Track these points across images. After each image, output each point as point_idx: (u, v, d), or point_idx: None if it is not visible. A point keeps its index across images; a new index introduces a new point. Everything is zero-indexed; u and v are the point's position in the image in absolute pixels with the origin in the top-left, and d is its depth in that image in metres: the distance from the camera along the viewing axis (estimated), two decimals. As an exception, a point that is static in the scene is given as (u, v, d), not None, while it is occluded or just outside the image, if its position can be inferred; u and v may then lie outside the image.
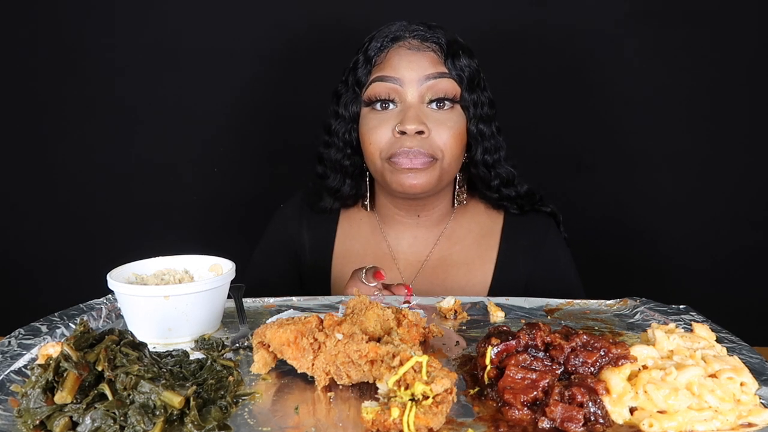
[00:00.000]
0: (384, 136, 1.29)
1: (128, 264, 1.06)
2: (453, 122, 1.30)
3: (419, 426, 0.68)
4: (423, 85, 1.28)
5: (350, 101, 1.35)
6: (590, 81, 1.85)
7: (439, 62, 1.29)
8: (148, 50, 1.87)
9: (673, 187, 1.87)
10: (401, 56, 1.30)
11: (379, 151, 1.29)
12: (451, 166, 1.33)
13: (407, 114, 1.26)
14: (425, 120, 1.26)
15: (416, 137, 1.26)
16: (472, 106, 1.32)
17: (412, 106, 1.27)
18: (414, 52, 1.30)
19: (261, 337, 0.84)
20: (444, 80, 1.29)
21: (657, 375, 0.74)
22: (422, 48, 1.30)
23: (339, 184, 1.42)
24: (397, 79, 1.28)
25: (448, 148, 1.29)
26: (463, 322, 1.07)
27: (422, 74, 1.28)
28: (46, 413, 0.70)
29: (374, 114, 1.31)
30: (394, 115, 1.29)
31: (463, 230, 1.44)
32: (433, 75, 1.28)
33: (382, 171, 1.31)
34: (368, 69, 1.32)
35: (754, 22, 1.76)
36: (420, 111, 1.27)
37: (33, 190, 1.94)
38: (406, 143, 1.26)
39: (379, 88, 1.30)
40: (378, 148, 1.29)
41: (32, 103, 1.89)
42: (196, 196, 1.97)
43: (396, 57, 1.30)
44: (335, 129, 1.38)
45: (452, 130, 1.29)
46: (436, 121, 1.28)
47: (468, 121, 1.33)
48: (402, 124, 1.26)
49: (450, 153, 1.30)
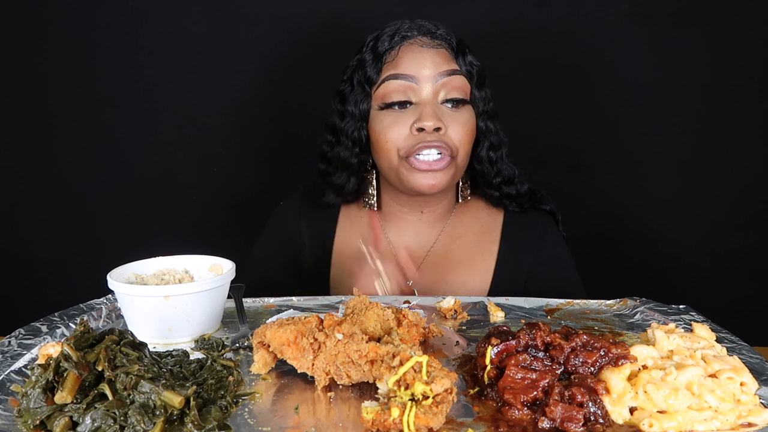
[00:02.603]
0: (401, 133, 1.29)
1: (128, 264, 1.06)
2: (465, 119, 1.32)
3: (419, 426, 0.68)
4: (438, 82, 1.29)
5: (360, 99, 1.34)
6: (589, 80, 1.85)
7: (450, 59, 1.31)
8: (148, 51, 1.87)
9: (672, 187, 1.87)
10: (414, 53, 1.30)
11: (397, 149, 1.30)
12: (464, 163, 1.35)
13: (425, 111, 1.27)
14: (441, 117, 1.28)
15: (434, 134, 1.27)
16: (481, 102, 1.34)
17: (428, 103, 1.28)
18: (426, 49, 1.31)
19: (261, 337, 0.85)
20: (457, 77, 1.30)
21: (657, 375, 0.74)
22: (433, 45, 1.31)
23: (344, 181, 1.41)
24: (412, 77, 1.29)
25: (463, 145, 1.31)
26: (463, 322, 1.07)
27: (436, 71, 1.29)
28: (46, 413, 0.70)
29: (389, 112, 1.31)
30: (410, 113, 1.29)
31: (464, 227, 1.45)
32: (447, 72, 1.29)
33: (398, 169, 1.32)
34: (378, 67, 1.32)
35: (753, 23, 1.76)
36: (436, 108, 1.29)
37: (33, 190, 1.94)
38: (426, 139, 1.27)
39: (393, 86, 1.30)
40: (395, 146, 1.30)
41: (34, 103, 1.89)
42: (196, 196, 1.97)
43: (409, 54, 1.30)
44: (344, 127, 1.37)
45: (465, 127, 1.31)
46: (451, 117, 1.30)
47: (477, 118, 1.34)
48: (420, 120, 1.26)
49: (464, 150, 1.32)
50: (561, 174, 1.87)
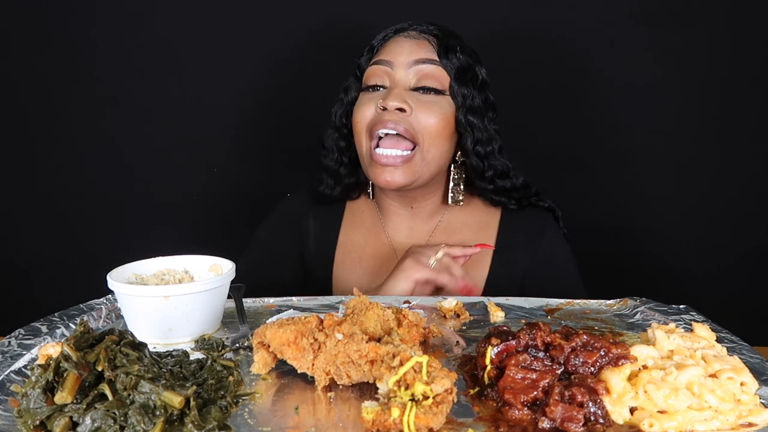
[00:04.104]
0: (368, 112, 1.33)
1: (128, 264, 1.06)
2: (438, 107, 1.32)
3: (419, 426, 0.68)
4: (411, 68, 1.32)
5: (351, 87, 1.43)
6: (589, 80, 1.85)
7: (431, 50, 1.34)
8: (148, 51, 1.87)
9: (671, 187, 1.87)
10: (398, 43, 1.36)
11: (362, 129, 1.34)
12: (434, 156, 1.34)
13: (392, 92, 1.31)
14: (408, 99, 1.30)
15: (396, 113, 1.29)
16: (462, 96, 1.34)
17: (397, 86, 1.32)
18: (409, 39, 1.36)
19: (261, 337, 0.84)
20: (432, 66, 1.32)
21: (657, 375, 0.74)
22: (419, 37, 1.35)
23: (336, 165, 1.46)
24: (389, 62, 1.34)
25: (429, 132, 1.31)
26: (464, 322, 1.07)
27: (412, 58, 1.32)
28: (46, 413, 0.70)
29: (365, 94, 1.37)
30: (380, 94, 1.34)
31: (459, 223, 1.46)
32: (422, 60, 1.32)
33: (366, 164, 1.36)
34: (369, 57, 1.39)
35: (753, 23, 1.77)
36: (404, 91, 1.31)
37: (33, 190, 1.94)
38: (385, 117, 1.29)
39: (372, 71, 1.36)
40: (363, 125, 1.34)
41: (33, 102, 1.89)
42: (196, 196, 1.97)
43: (393, 44, 1.36)
44: (334, 111, 1.45)
45: (436, 114, 1.31)
46: (420, 102, 1.31)
47: (457, 110, 1.34)
48: (384, 100, 1.30)
49: (431, 138, 1.31)
50: (561, 175, 1.87)
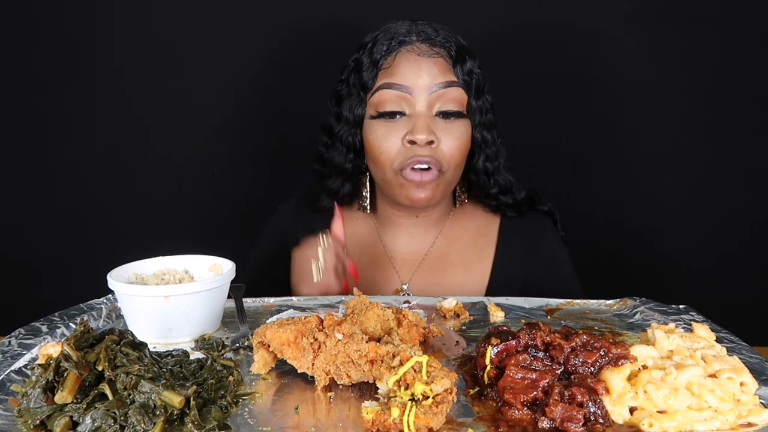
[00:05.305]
0: (394, 145, 1.27)
1: (128, 264, 1.06)
2: (460, 132, 1.29)
3: (419, 426, 0.68)
4: (432, 93, 1.26)
5: (355, 105, 1.33)
6: (589, 80, 1.85)
7: (448, 69, 1.28)
8: (148, 50, 1.87)
9: (672, 187, 1.87)
10: (410, 62, 1.27)
11: (391, 162, 1.28)
12: (455, 176, 1.33)
13: (417, 123, 1.25)
14: (435, 130, 1.26)
15: (426, 147, 1.25)
16: (478, 113, 1.32)
17: (421, 116, 1.26)
18: (423, 58, 1.27)
19: (261, 337, 0.85)
20: (453, 89, 1.28)
21: (657, 375, 0.74)
22: (431, 54, 1.28)
23: (338, 186, 1.41)
24: (407, 87, 1.26)
25: (454, 159, 1.29)
26: (464, 322, 1.07)
27: (432, 83, 1.26)
28: (47, 413, 0.70)
29: (383, 122, 1.29)
30: (402, 124, 1.27)
31: (460, 229, 1.45)
32: (443, 84, 1.27)
33: (392, 183, 1.31)
34: (374, 73, 1.30)
35: (754, 22, 1.76)
36: (429, 120, 1.27)
37: (33, 190, 1.94)
38: (417, 152, 1.25)
39: (388, 96, 1.28)
40: (389, 158, 1.28)
41: (34, 102, 1.89)
42: (196, 196, 1.97)
43: (405, 63, 1.28)
44: (339, 132, 1.36)
45: (459, 141, 1.29)
46: (444, 130, 1.27)
47: (473, 129, 1.32)
48: (412, 133, 1.25)
49: (454, 164, 1.30)
50: (561, 175, 1.87)
